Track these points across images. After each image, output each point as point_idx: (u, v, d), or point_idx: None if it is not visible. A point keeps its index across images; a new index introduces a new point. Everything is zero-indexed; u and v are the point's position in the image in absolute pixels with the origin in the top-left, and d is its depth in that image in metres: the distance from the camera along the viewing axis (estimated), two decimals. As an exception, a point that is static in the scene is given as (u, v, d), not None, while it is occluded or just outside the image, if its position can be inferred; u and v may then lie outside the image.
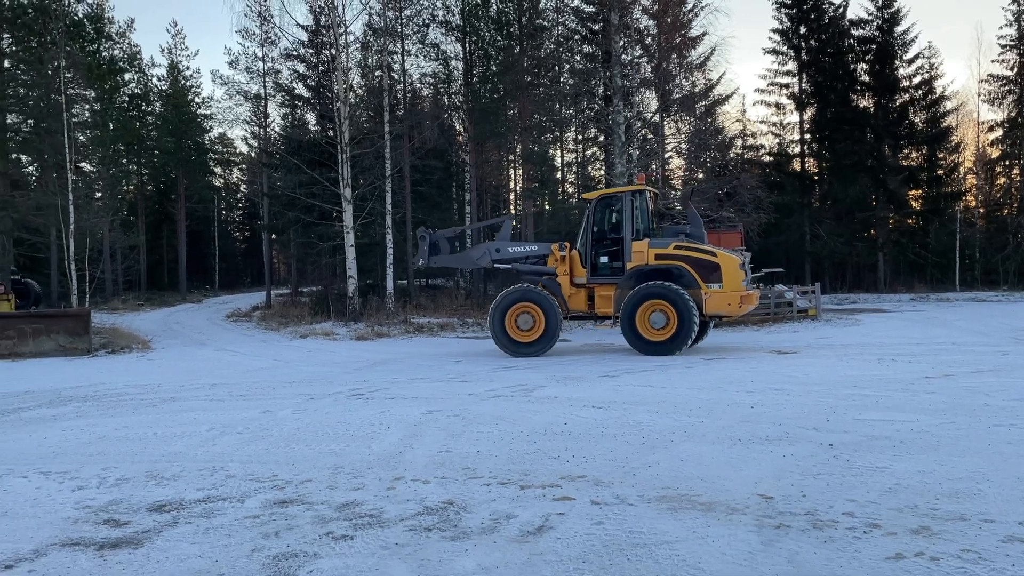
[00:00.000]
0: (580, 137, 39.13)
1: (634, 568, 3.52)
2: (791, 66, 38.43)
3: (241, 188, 64.96)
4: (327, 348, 17.15)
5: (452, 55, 35.15)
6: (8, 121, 25.80)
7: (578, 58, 31.72)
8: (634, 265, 13.39)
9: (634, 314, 12.90)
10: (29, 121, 26.42)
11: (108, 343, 17.40)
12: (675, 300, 12.71)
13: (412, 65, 36.04)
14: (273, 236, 38.09)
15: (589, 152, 40.95)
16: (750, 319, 19.58)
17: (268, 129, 45.37)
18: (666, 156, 30.72)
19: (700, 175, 33.59)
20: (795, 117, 38.77)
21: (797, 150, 39.16)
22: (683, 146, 31.50)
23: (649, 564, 3.56)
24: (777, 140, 40.31)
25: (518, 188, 45.65)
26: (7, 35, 25.15)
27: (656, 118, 27.91)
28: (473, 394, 8.81)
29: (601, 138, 33.79)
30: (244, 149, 53.65)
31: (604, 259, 13.93)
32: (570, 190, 43.42)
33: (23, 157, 29.29)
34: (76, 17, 26.23)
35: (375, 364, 13.21)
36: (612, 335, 16.24)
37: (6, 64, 25.54)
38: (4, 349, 15.67)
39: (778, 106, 39.19)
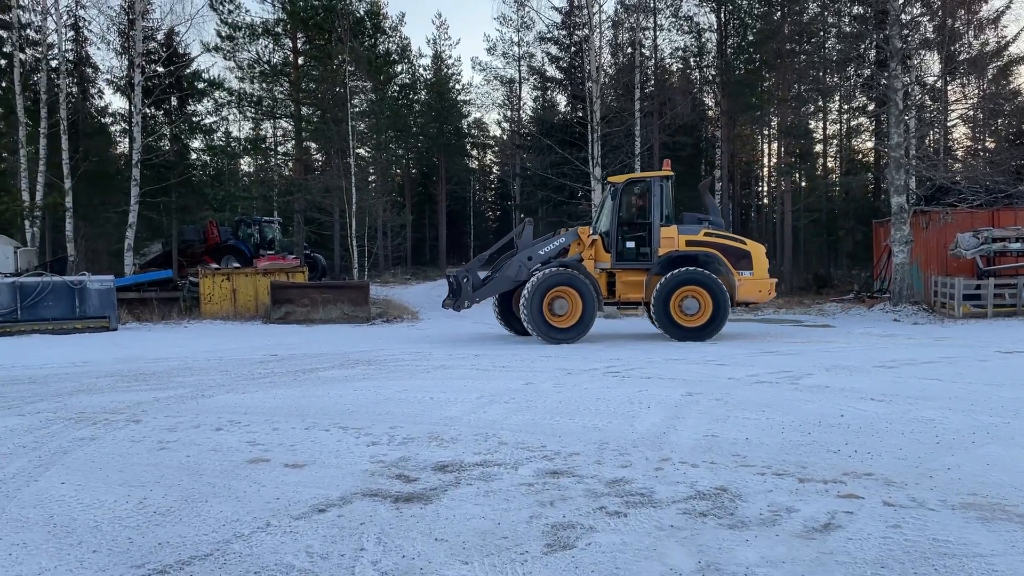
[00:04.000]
0: (845, 107, 36.20)
1: (943, 581, 3.18)
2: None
3: (494, 170, 68.08)
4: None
5: (705, 26, 34.10)
6: (303, 112, 29.06)
7: (846, 20, 29.29)
8: (666, 251, 13.19)
9: (669, 300, 12.94)
10: (317, 112, 29.55)
11: (383, 312, 19.10)
12: (711, 286, 12.89)
13: (664, 40, 35.37)
14: (524, 215, 39.49)
15: (854, 123, 37.83)
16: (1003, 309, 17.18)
17: (520, 112, 47.06)
18: (949, 124, 27.55)
19: (991, 144, 29.71)
20: (1117, 73, 32.88)
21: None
22: (971, 113, 28.02)
23: (961, 579, 3.19)
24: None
25: (772, 164, 43.34)
26: (301, 35, 28.28)
27: (939, 83, 25.04)
28: (733, 378, 8.51)
29: (871, 107, 31.06)
30: (497, 132, 56.06)
31: (630, 244, 13.51)
32: (831, 164, 40.46)
33: (312, 145, 32.82)
34: (358, 15, 28.80)
35: (625, 341, 13.23)
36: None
37: (300, 61, 28.75)
38: (300, 315, 17.83)
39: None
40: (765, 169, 46.59)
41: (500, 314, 14.62)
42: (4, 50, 30.21)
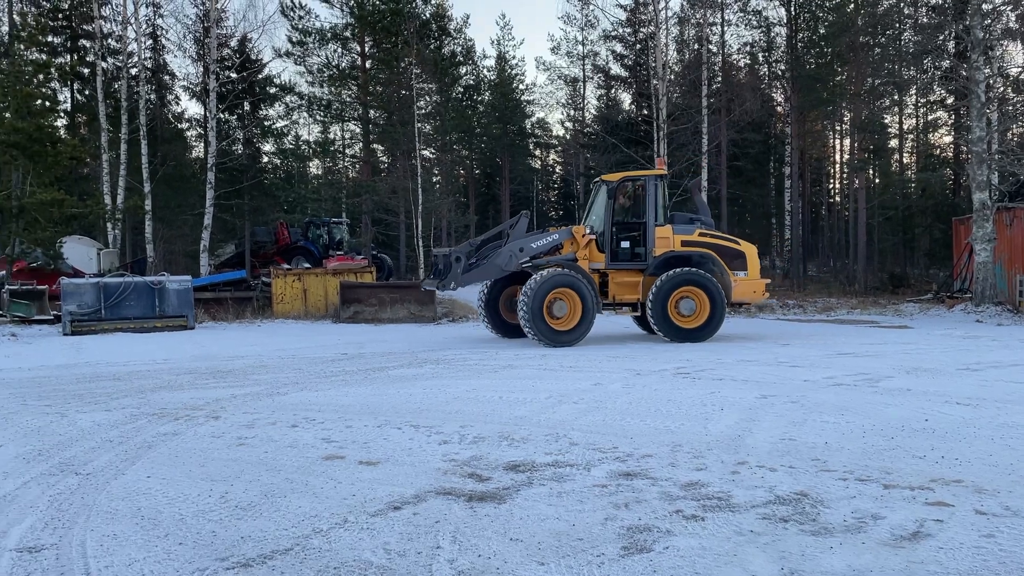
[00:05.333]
0: (922, 101, 34.95)
1: (1046, 596, 3.02)
2: None
3: (557, 170, 67.97)
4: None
5: (775, 21, 33.39)
6: (370, 115, 29.53)
7: (923, 11, 28.25)
8: (663, 251, 12.98)
9: (667, 301, 12.67)
10: (384, 114, 29.99)
11: (449, 312, 19.26)
12: (709, 287, 12.71)
13: (731, 35, 34.74)
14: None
15: (932, 117, 36.50)
16: None
17: (584, 111, 46.85)
18: (1036, 117, 26.25)
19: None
20: None
21: None
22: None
23: (1066, 594, 3.03)
24: None
25: (844, 160, 42.13)
26: (369, 39, 28.74)
27: (1023, 74, 23.95)
28: (809, 380, 8.29)
29: (949, 100, 29.93)
30: (560, 132, 55.92)
31: (625, 244, 13.08)
32: (906, 160, 39.11)
33: (379, 147, 33.30)
34: (423, 18, 29.14)
35: (694, 343, 13.02)
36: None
37: (367, 64, 29.22)
38: (369, 315, 18.12)
39: None
40: (836, 166, 45.37)
41: (486, 315, 14.03)
42: (87, 59, 31.56)
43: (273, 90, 28.41)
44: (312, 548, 3.62)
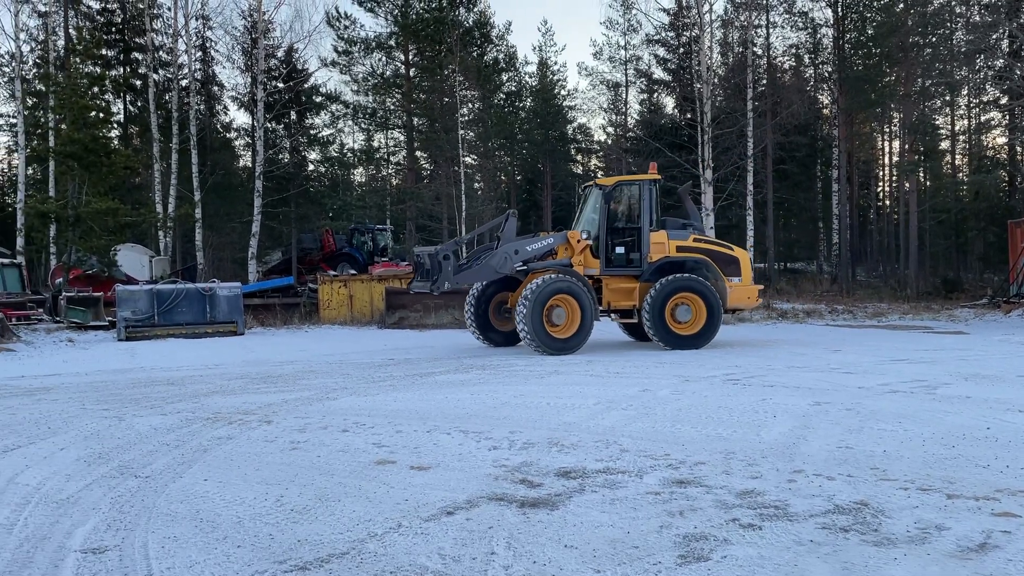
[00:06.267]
0: (975, 101, 34.08)
1: None
2: None
3: (598, 175, 67.74)
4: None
5: (821, 22, 32.89)
6: (414, 122, 29.81)
7: (976, 9, 27.58)
8: (659, 257, 12.78)
9: (664, 308, 12.44)
10: (427, 121, 30.24)
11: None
12: (706, 294, 12.53)
13: (776, 37, 34.31)
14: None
15: (985, 118, 35.56)
16: None
17: (627, 116, 46.64)
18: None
19: None
20: None
21: None
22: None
23: None
24: None
25: (893, 162, 41.24)
26: (413, 47, 29.03)
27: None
28: (864, 387, 8.11)
29: (1003, 100, 29.16)
30: (602, 137, 55.72)
31: (620, 250, 12.78)
32: (959, 162, 38.16)
33: (421, 154, 33.60)
34: (466, 25, 29.33)
35: (742, 349, 12.85)
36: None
37: (411, 72, 29.50)
38: (414, 321, 18.23)
39: None
40: (886, 168, 44.45)
41: (475, 323, 13.51)
42: (140, 71, 32.39)
43: (319, 99, 28.85)
44: (368, 552, 3.65)
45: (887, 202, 45.27)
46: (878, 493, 4.39)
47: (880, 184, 46.28)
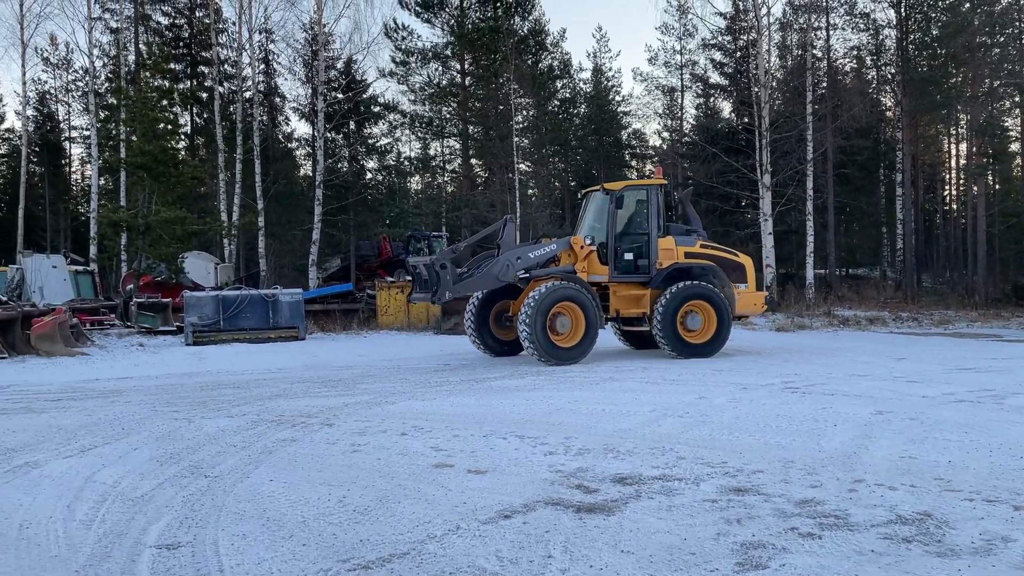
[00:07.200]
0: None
1: None
2: None
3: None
4: (747, 338, 16.89)
5: (883, 23, 32.14)
6: (469, 130, 30.11)
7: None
8: (668, 263, 12.56)
9: (675, 316, 12.20)
10: (482, 129, 30.51)
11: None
12: (716, 301, 12.35)
13: (837, 39, 33.62)
14: (685, 226, 38.73)
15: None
16: None
17: (682, 121, 46.24)
18: None
19: None
20: None
21: None
22: None
23: None
24: None
25: (960, 166, 39.97)
26: (468, 56, 29.35)
27: None
28: (928, 396, 7.92)
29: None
30: (657, 142, 55.32)
31: (628, 256, 12.44)
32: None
33: (476, 161, 33.88)
34: (521, 33, 29.52)
35: (801, 356, 12.64)
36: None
37: (467, 81, 29.82)
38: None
39: None
40: (952, 172, 43.12)
41: (475, 333, 13.16)
42: (206, 84, 33.42)
43: (377, 109, 29.34)
44: (428, 553, 3.74)
45: (954, 206, 43.88)
46: (942, 504, 4.31)
47: (947, 188, 44.88)
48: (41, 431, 6.99)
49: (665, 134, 51.21)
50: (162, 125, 21.60)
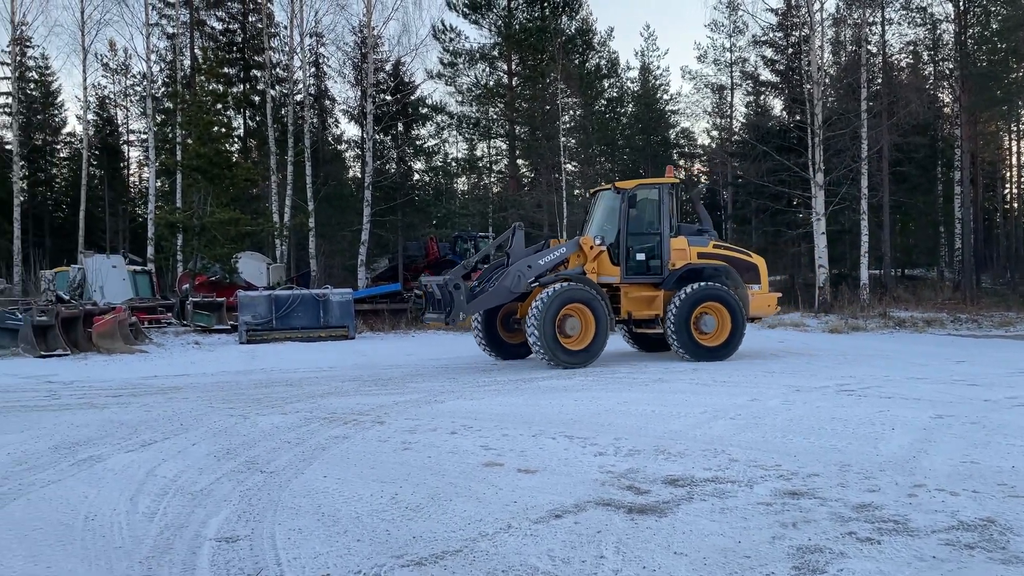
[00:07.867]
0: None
1: None
2: None
3: (702, 180, 66.45)
4: (799, 339, 16.59)
5: (941, 17, 31.28)
6: (516, 131, 30.17)
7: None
8: (681, 264, 12.27)
9: (689, 318, 11.92)
10: (528, 130, 30.53)
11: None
12: (731, 302, 12.09)
13: (892, 34, 32.82)
14: (735, 225, 38.24)
15: None
16: None
17: (732, 119, 45.64)
18: None
19: None
20: None
21: None
22: None
23: None
24: None
25: (1022, 163, 38.76)
26: (515, 56, 29.41)
27: None
28: (990, 400, 7.70)
29: None
30: (706, 141, 54.70)
31: (640, 257, 12.06)
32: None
33: (523, 162, 33.90)
34: (568, 33, 29.47)
35: (856, 358, 12.38)
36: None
37: (514, 82, 29.88)
38: (515, 327, 18.42)
39: None
40: (1014, 169, 41.79)
41: (483, 336, 12.91)
42: (258, 88, 34.08)
43: (425, 110, 29.55)
44: (480, 551, 3.76)
45: (1015, 205, 42.53)
46: (1006, 510, 4.19)
47: (1007, 186, 43.52)
48: (103, 426, 7.21)
49: (714, 133, 50.59)
50: (216, 128, 22.07)
